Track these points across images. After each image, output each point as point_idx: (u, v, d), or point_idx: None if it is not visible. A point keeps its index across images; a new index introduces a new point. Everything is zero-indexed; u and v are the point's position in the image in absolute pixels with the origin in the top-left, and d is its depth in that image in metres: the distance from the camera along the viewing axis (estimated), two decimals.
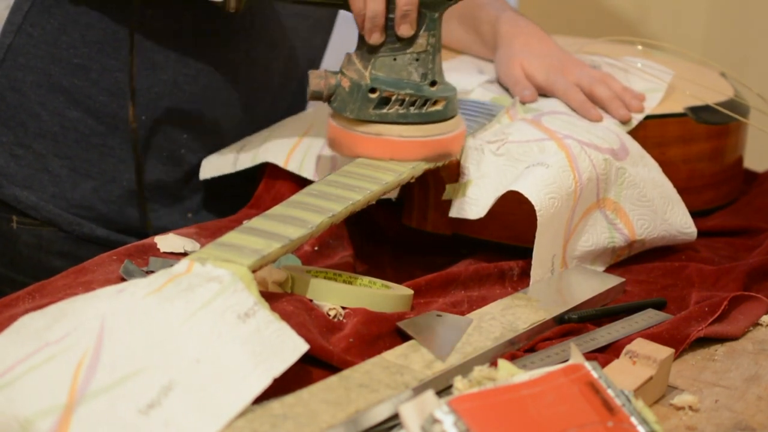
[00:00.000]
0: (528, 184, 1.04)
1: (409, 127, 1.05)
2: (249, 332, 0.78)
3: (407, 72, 1.04)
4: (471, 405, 0.72)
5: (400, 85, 1.04)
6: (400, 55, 1.04)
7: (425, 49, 1.04)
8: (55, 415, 0.71)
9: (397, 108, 1.04)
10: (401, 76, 1.04)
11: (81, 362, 0.74)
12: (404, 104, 1.04)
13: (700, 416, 0.85)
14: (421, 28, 1.04)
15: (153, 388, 0.73)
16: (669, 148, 1.24)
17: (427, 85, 1.05)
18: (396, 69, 1.04)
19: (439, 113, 1.06)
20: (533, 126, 1.14)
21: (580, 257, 1.10)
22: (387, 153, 1.05)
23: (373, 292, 0.97)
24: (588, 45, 1.39)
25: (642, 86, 1.27)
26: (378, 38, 1.03)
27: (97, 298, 0.81)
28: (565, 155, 1.08)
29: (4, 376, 0.74)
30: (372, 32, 1.02)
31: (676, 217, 1.15)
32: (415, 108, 1.05)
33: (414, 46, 1.04)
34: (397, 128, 1.05)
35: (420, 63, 1.04)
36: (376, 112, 1.04)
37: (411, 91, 1.04)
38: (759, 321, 1.03)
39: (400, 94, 1.04)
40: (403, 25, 1.02)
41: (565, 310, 0.99)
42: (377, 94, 1.04)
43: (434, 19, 1.04)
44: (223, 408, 0.73)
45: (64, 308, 0.80)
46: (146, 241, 1.07)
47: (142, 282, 0.82)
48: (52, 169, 1.21)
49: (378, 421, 0.78)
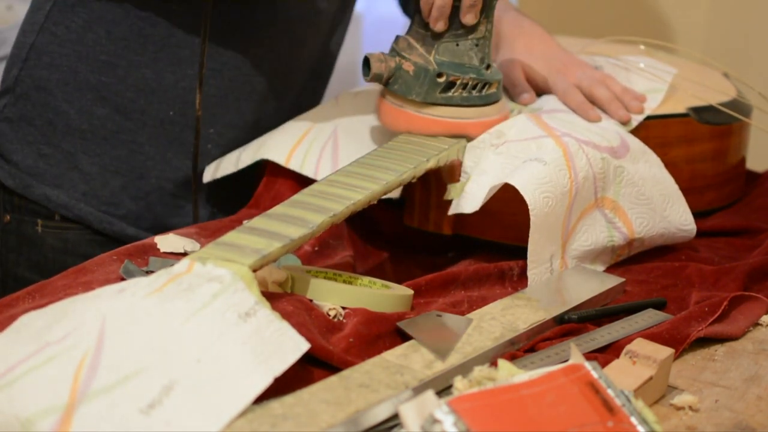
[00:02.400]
0: (523, 179, 1.04)
1: (472, 109, 1.12)
2: (250, 332, 0.78)
3: (468, 57, 1.11)
4: (471, 405, 0.72)
5: (463, 69, 1.11)
6: (462, 41, 1.10)
7: (484, 35, 1.11)
8: (57, 415, 0.71)
9: (461, 91, 1.11)
10: (463, 61, 1.11)
11: (82, 362, 0.75)
12: (467, 88, 1.11)
13: (700, 416, 0.85)
14: (482, 15, 1.10)
15: (154, 387, 0.73)
16: (671, 148, 1.24)
17: (484, 68, 1.12)
18: (458, 54, 1.11)
19: (495, 95, 1.14)
20: (533, 121, 1.14)
21: (579, 257, 1.10)
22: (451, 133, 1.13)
23: (373, 292, 0.97)
24: (590, 45, 1.39)
25: (644, 86, 1.27)
26: (443, 26, 1.08)
27: (97, 298, 0.81)
28: (563, 153, 1.08)
29: (5, 376, 0.74)
30: (438, 20, 1.08)
31: (675, 214, 1.15)
32: (476, 91, 1.12)
33: (475, 32, 1.10)
34: (463, 110, 1.12)
35: (479, 48, 1.11)
36: (442, 96, 1.11)
37: (474, 75, 1.11)
38: (759, 321, 1.03)
39: (465, 78, 1.11)
40: (469, 14, 1.08)
41: (565, 310, 0.99)
42: (444, 79, 1.10)
43: (492, 7, 1.11)
44: (224, 408, 0.73)
45: (64, 308, 0.81)
46: (146, 241, 1.07)
47: (143, 282, 0.82)
48: (81, 167, 1.22)
49: (378, 421, 0.78)
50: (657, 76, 1.29)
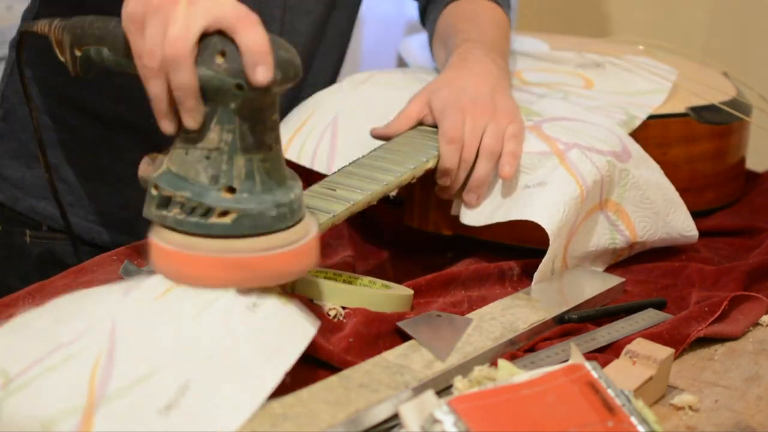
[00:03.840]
0: (538, 211, 1.04)
1: (191, 237, 0.83)
2: (258, 323, 0.79)
3: (194, 171, 0.84)
4: (471, 405, 0.72)
5: (180, 185, 0.84)
6: (191, 149, 0.84)
7: (218, 146, 0.83)
8: (77, 416, 0.72)
9: (176, 212, 0.84)
10: (189, 174, 0.84)
11: (96, 364, 0.75)
12: (184, 209, 0.83)
13: (700, 416, 0.85)
14: (212, 120, 0.83)
15: (170, 388, 0.73)
16: (671, 148, 1.24)
17: (216, 190, 0.83)
18: (186, 165, 0.84)
19: (226, 227, 0.82)
20: (533, 134, 1.13)
21: (580, 258, 1.10)
22: (165, 265, 0.84)
23: (373, 292, 0.97)
24: (590, 45, 1.40)
25: (645, 86, 1.27)
26: (168, 127, 0.84)
27: (104, 300, 0.81)
28: (566, 170, 1.07)
29: (21, 377, 0.75)
30: (160, 118, 0.84)
31: (677, 220, 1.15)
32: (194, 216, 0.83)
33: (204, 141, 0.83)
34: (177, 237, 0.84)
35: (210, 162, 0.83)
36: (157, 213, 0.85)
37: (188, 195, 0.83)
38: (759, 321, 1.03)
39: (177, 197, 0.84)
40: (187, 117, 0.82)
41: (565, 310, 0.99)
42: (157, 192, 0.85)
43: (228, 112, 0.82)
44: (241, 404, 0.74)
45: (69, 307, 0.81)
46: (146, 241, 1.07)
47: (147, 284, 0.82)
48: (66, 178, 1.22)
49: (378, 421, 0.78)
50: (659, 75, 1.29)
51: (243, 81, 0.80)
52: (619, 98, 1.26)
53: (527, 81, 1.32)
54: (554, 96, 1.25)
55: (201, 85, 0.81)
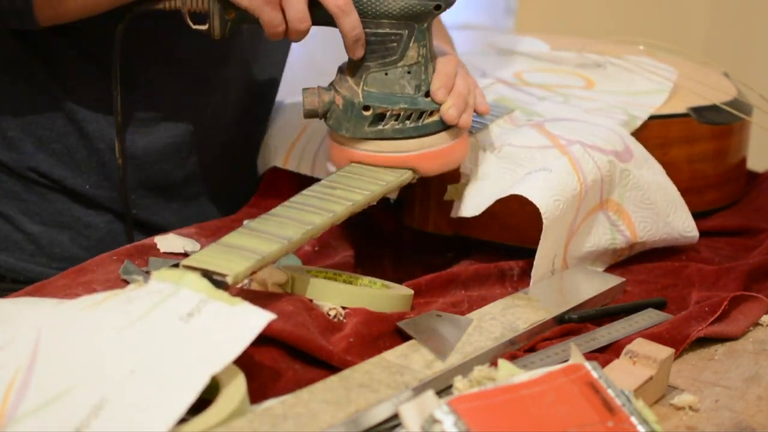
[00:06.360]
0: (532, 188, 1.04)
1: (411, 141, 1.03)
2: (189, 334, 0.75)
3: (400, 86, 1.02)
4: (471, 405, 0.72)
5: (393, 100, 1.02)
6: (391, 70, 1.02)
7: (416, 60, 1.02)
8: None
9: (392, 123, 1.02)
10: (394, 90, 1.02)
11: (12, 382, 0.72)
12: (400, 119, 1.02)
13: (700, 416, 0.85)
14: (410, 40, 1.01)
15: (83, 408, 0.69)
16: (672, 148, 1.24)
17: (421, 96, 1.02)
18: (388, 84, 1.02)
19: (437, 124, 1.03)
20: (536, 130, 1.13)
21: (580, 257, 1.10)
22: (395, 167, 1.03)
23: (373, 292, 0.97)
24: (591, 45, 1.40)
25: (646, 86, 1.27)
26: (361, 53, 1.01)
27: (37, 310, 0.79)
28: (568, 160, 1.08)
29: None
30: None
31: (678, 220, 1.15)
32: (411, 122, 1.02)
33: (405, 59, 1.01)
34: (399, 144, 1.03)
35: (413, 75, 1.02)
36: (371, 130, 1.02)
37: (405, 105, 1.02)
38: (759, 321, 1.03)
39: (394, 110, 1.02)
40: (355, 50, 1.00)
41: (565, 310, 0.99)
42: (371, 112, 1.02)
43: (422, 31, 1.01)
44: (155, 425, 0.69)
45: (8, 310, 0.79)
46: (146, 241, 1.07)
47: (85, 297, 0.80)
48: (23, 228, 1.18)
49: (378, 421, 0.78)
50: (659, 75, 1.29)
51: (441, 1, 1.00)
52: (620, 98, 1.26)
53: (527, 82, 1.32)
54: (554, 99, 1.26)
55: (405, 12, 0.99)
